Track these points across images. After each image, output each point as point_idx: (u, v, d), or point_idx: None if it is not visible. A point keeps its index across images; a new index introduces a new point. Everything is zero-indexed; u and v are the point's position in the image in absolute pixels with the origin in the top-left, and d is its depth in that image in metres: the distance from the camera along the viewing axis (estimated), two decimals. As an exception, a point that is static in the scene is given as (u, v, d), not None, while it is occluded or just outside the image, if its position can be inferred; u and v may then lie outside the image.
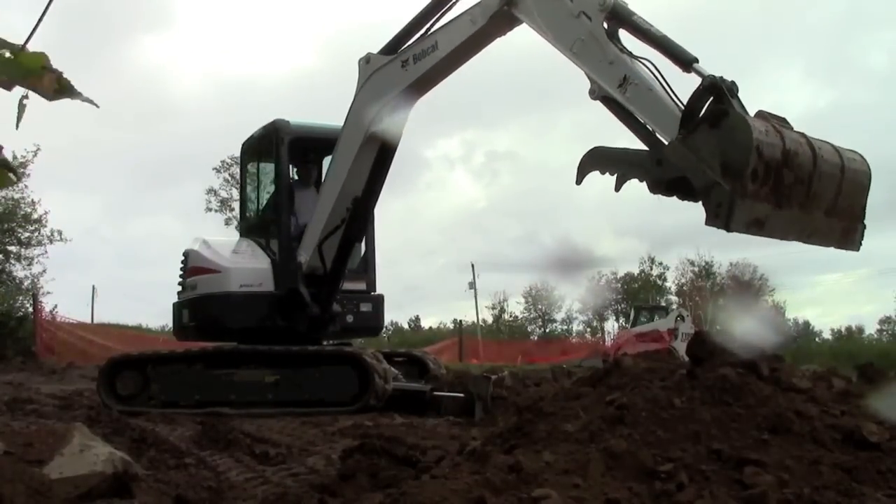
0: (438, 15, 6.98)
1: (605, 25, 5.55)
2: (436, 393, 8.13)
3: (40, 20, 1.39)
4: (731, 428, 2.61)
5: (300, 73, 73.22)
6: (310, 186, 9.29)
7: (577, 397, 3.15)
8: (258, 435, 6.11)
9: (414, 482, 2.65)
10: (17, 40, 1.37)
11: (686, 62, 5.13)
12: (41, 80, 1.36)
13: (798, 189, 4.54)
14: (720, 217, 4.50)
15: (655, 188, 5.25)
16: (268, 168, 9.45)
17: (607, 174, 5.43)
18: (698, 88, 4.91)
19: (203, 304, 8.79)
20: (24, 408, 8.08)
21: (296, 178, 9.26)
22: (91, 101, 1.42)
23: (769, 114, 4.78)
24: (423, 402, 8.11)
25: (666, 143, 5.05)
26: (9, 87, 1.37)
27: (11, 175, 1.42)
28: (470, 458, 2.84)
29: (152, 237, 65.09)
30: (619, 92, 5.46)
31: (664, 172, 5.11)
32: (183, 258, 9.40)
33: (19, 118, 1.39)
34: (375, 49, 7.56)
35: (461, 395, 7.74)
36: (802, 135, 4.63)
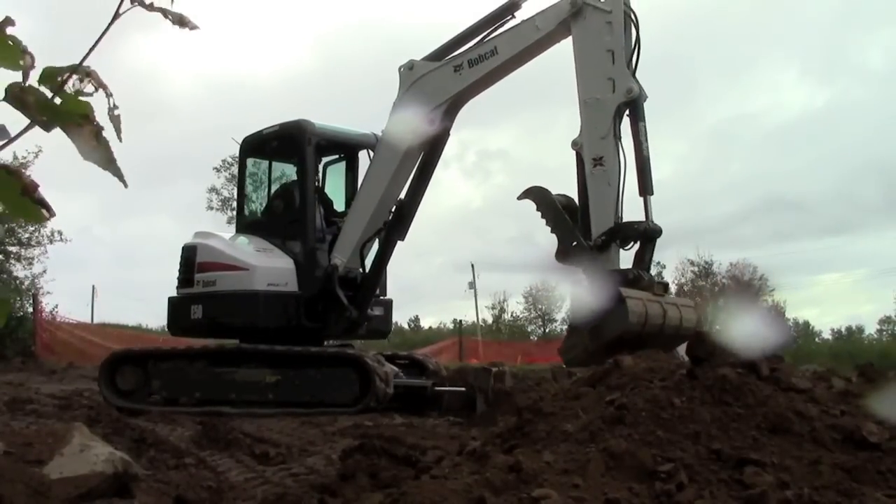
0: (498, 24, 7.41)
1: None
2: (437, 388, 8.14)
3: (91, 50, 1.37)
4: (731, 428, 2.61)
5: (292, 73, 73.14)
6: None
7: (577, 397, 3.14)
8: (258, 435, 6.11)
9: (414, 482, 2.65)
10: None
11: (645, 191, 6.29)
12: (81, 130, 1.32)
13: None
14: (567, 354, 5.91)
15: (559, 258, 6.46)
16: (279, 166, 9.43)
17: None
18: (636, 227, 6.18)
19: (224, 300, 8.66)
20: (24, 408, 8.07)
21: (295, 178, 9.22)
22: (122, 179, 1.37)
23: (658, 282, 6.10)
24: (425, 397, 8.12)
25: (592, 229, 6.30)
26: (47, 129, 1.32)
27: (45, 212, 1.34)
28: (470, 458, 2.83)
29: (147, 237, 64.76)
30: (590, 164, 6.41)
31: (571, 254, 6.30)
32: (186, 252, 9.16)
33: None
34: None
35: (462, 389, 7.76)
36: (665, 306, 5.85)
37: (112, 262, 61.26)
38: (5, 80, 1.30)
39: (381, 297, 9.27)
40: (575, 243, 6.38)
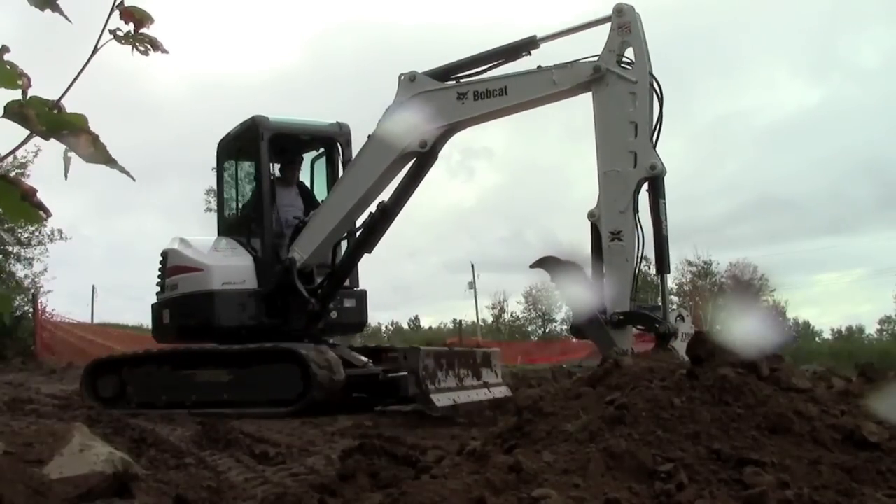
0: (511, 59, 7.12)
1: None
2: (390, 375, 7.87)
3: (75, 79, 1.48)
4: (731, 428, 2.60)
5: (281, 72, 72.98)
6: (291, 184, 9.22)
7: (577, 397, 3.14)
8: (258, 435, 6.11)
9: (414, 482, 2.65)
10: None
11: (662, 269, 6.32)
12: (78, 138, 1.45)
13: None
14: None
15: (574, 333, 6.64)
16: (246, 165, 9.39)
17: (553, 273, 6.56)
18: (656, 325, 6.17)
19: (185, 303, 8.70)
20: (24, 408, 8.07)
21: (277, 174, 9.14)
22: (128, 174, 1.51)
23: None
24: (378, 384, 7.94)
25: (607, 306, 6.26)
26: (46, 137, 1.46)
27: (42, 213, 1.51)
28: (470, 458, 2.83)
29: (137, 237, 64.85)
30: (608, 237, 6.35)
31: (587, 330, 6.35)
32: (161, 258, 9.30)
33: (66, 169, 1.50)
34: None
35: (404, 373, 7.29)
36: None
37: (103, 262, 61.31)
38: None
39: (355, 289, 9.15)
40: (591, 320, 6.42)
